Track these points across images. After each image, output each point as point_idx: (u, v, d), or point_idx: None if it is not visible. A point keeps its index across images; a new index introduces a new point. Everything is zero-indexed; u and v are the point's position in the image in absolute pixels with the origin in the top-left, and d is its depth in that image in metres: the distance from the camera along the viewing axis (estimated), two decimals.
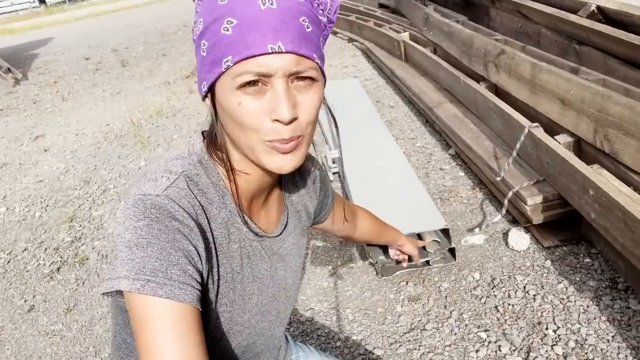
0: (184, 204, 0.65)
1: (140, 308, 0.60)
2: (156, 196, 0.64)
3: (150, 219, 0.62)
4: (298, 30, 0.61)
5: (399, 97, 4.16)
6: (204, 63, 0.64)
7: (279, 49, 0.59)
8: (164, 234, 0.62)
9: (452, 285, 2.05)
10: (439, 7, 4.39)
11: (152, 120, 4.72)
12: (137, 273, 0.60)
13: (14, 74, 7.75)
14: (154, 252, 0.61)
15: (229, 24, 0.60)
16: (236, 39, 0.59)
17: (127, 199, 0.66)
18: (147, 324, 0.60)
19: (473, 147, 2.68)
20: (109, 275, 0.63)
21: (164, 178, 0.67)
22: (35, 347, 2.14)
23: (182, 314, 0.61)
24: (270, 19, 0.59)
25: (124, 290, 0.60)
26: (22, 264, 2.78)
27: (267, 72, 0.60)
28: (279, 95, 0.61)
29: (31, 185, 3.80)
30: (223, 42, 0.60)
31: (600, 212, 1.78)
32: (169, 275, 0.61)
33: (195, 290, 0.63)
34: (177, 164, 0.70)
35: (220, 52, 0.61)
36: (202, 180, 0.70)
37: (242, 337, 0.80)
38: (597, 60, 2.37)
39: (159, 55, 7.65)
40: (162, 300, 0.60)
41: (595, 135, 1.96)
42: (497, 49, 2.76)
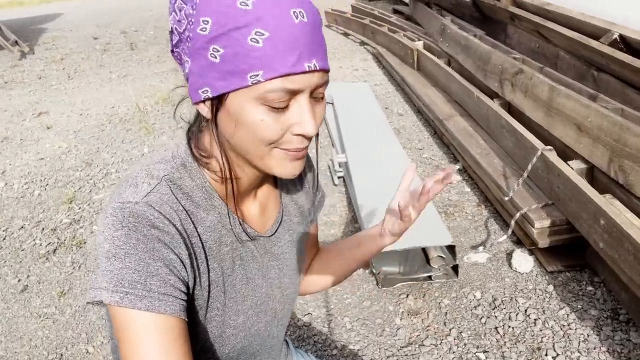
0: (165, 211, 0.63)
1: (120, 320, 0.59)
2: (135, 204, 0.62)
3: (129, 228, 0.60)
4: (323, 45, 0.60)
5: (408, 106, 4.14)
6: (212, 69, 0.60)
7: (314, 67, 0.58)
8: (143, 243, 0.60)
9: (453, 302, 2.04)
10: (456, 19, 4.38)
11: (158, 107, 4.69)
12: (116, 285, 0.59)
13: (20, 47, 7.68)
14: (132, 263, 0.59)
15: (259, 36, 0.56)
16: (270, 54, 0.56)
17: (106, 206, 0.64)
18: (127, 337, 0.59)
19: (482, 164, 2.67)
20: (91, 285, 0.62)
21: (144, 184, 0.65)
22: (27, 328, 2.11)
23: (164, 326, 0.60)
24: (304, 35, 0.57)
25: (105, 301, 0.59)
26: (17, 242, 2.74)
27: (298, 90, 0.59)
28: (305, 111, 0.61)
29: (32, 162, 3.76)
30: (251, 54, 0.57)
31: (610, 243, 1.76)
32: (148, 287, 0.59)
33: (177, 300, 0.62)
34: (159, 167, 0.68)
35: (246, 65, 0.57)
36: (186, 183, 0.68)
37: (237, 340, 0.78)
38: (615, 89, 2.36)
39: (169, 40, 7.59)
40: (142, 312, 0.59)
41: (610, 164, 1.95)
42: (515, 67, 2.75)
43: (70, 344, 2.01)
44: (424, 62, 4.23)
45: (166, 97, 4.87)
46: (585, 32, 2.55)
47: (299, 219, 0.88)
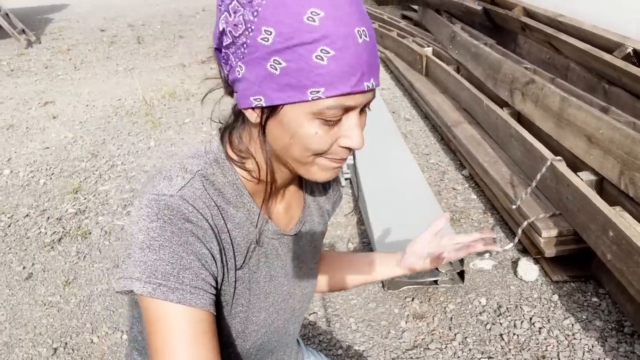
0: (198, 205, 0.64)
1: (152, 311, 0.60)
2: (170, 197, 0.62)
3: (164, 221, 0.61)
4: (379, 62, 0.62)
5: (415, 111, 4.16)
6: (270, 80, 0.59)
7: (372, 86, 0.60)
8: (177, 236, 0.61)
9: (458, 307, 2.05)
10: (466, 27, 4.40)
11: (165, 102, 4.69)
12: (149, 276, 0.59)
13: (27, 35, 7.67)
14: (166, 255, 0.60)
15: (325, 54, 0.56)
16: (334, 72, 0.57)
17: (141, 197, 0.64)
18: (158, 328, 0.60)
19: (490, 172, 2.68)
20: (123, 274, 0.62)
21: (179, 177, 0.65)
22: (31, 316, 2.10)
23: (194, 319, 0.60)
24: (365, 55, 0.58)
25: (137, 292, 0.60)
26: (23, 229, 2.74)
27: (354, 107, 0.61)
28: (355, 126, 0.62)
29: (37, 150, 3.75)
30: (315, 71, 0.57)
31: (618, 255, 1.78)
32: (181, 280, 0.60)
33: (208, 295, 0.62)
34: (193, 162, 0.68)
35: (308, 81, 0.57)
36: (218, 179, 0.69)
37: (258, 336, 0.79)
38: (626, 102, 2.38)
39: (176, 36, 7.60)
40: (173, 305, 0.59)
41: (621, 177, 1.96)
42: (526, 77, 2.76)
43: (74, 333, 2.01)
44: (433, 68, 4.25)
45: (173, 92, 4.88)
46: (597, 45, 2.56)
47: (319, 219, 0.89)
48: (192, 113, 4.38)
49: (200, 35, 7.62)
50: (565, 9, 3.22)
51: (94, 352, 1.91)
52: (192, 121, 4.20)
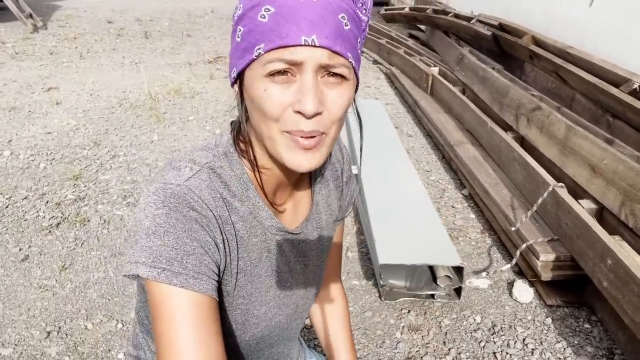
0: (204, 196, 0.66)
1: (156, 295, 0.62)
2: (177, 185, 0.65)
3: (169, 208, 0.63)
4: (335, 27, 0.59)
5: (417, 128, 4.20)
6: (237, 49, 0.64)
7: (312, 42, 0.58)
8: (182, 223, 0.62)
9: (453, 323, 2.07)
10: (474, 51, 4.48)
11: (170, 98, 4.70)
12: (154, 261, 0.61)
13: (34, 20, 7.65)
14: (170, 241, 0.62)
15: (266, 12, 0.59)
16: (271, 27, 0.59)
17: (149, 186, 0.67)
18: (162, 311, 0.61)
19: (490, 193, 2.72)
20: (129, 259, 0.64)
21: (187, 168, 0.68)
22: (26, 297, 2.09)
23: (197, 303, 0.62)
24: (309, 12, 0.58)
25: (142, 276, 0.61)
26: (21, 211, 2.72)
27: (296, 61, 0.59)
28: (305, 87, 0.60)
29: (39, 135, 3.74)
30: (258, 29, 0.60)
31: (615, 283, 1.81)
32: (184, 265, 0.62)
33: (211, 281, 0.64)
34: (202, 155, 0.70)
35: (254, 40, 0.60)
36: (225, 172, 0.70)
37: (258, 329, 0.80)
38: (630, 136, 2.44)
39: (184, 34, 7.62)
40: (177, 288, 0.61)
41: (622, 207, 2.01)
42: (532, 103, 2.82)
43: (68, 318, 1.99)
44: (438, 87, 4.31)
45: (178, 89, 4.89)
46: (604, 79, 2.63)
47: (327, 217, 0.89)
48: (196, 111, 4.39)
49: (208, 35, 7.65)
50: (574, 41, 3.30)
51: (87, 339, 1.90)
52: (196, 119, 4.21)
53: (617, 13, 2.96)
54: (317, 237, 0.87)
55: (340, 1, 0.61)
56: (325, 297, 1.05)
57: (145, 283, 0.64)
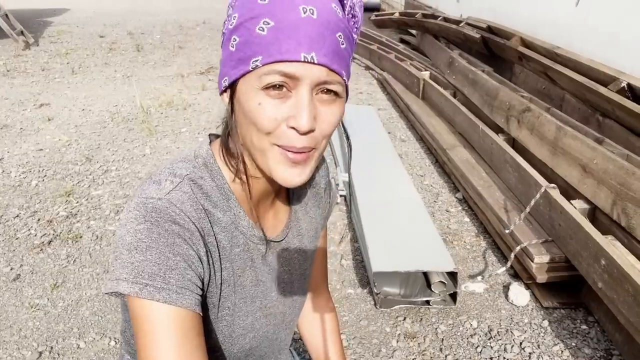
0: (186, 208, 0.65)
1: (138, 311, 0.61)
2: (158, 199, 0.64)
3: (151, 223, 0.62)
4: (333, 45, 0.60)
5: (410, 132, 4.20)
6: (230, 58, 0.64)
7: (311, 59, 0.59)
8: (164, 238, 0.62)
9: (449, 329, 2.05)
10: (464, 54, 4.49)
11: (162, 110, 4.69)
12: (136, 277, 0.60)
13: (26, 37, 7.65)
14: (152, 256, 0.61)
15: (266, 25, 0.59)
16: (270, 41, 0.59)
17: (130, 201, 0.66)
18: (144, 328, 0.60)
19: (484, 196, 2.71)
20: (109, 277, 0.63)
21: (167, 182, 0.67)
22: (17, 317, 2.07)
23: (180, 318, 0.61)
24: (309, 28, 0.58)
25: (124, 292, 0.61)
26: (12, 230, 2.70)
27: (294, 75, 0.59)
28: (301, 103, 0.60)
29: (30, 152, 3.72)
30: (256, 41, 0.60)
31: (609, 283, 1.80)
32: (167, 280, 0.61)
33: (194, 295, 0.63)
34: (182, 166, 0.70)
35: (251, 51, 0.60)
36: (206, 183, 0.70)
37: (246, 341, 0.79)
38: (619, 135, 2.44)
39: (176, 46, 7.64)
40: (159, 304, 0.60)
41: (614, 207, 2.00)
42: (522, 105, 2.82)
43: (61, 337, 1.97)
44: (430, 92, 4.32)
45: (170, 101, 4.89)
46: (593, 78, 2.63)
47: (307, 225, 0.89)
48: (189, 122, 4.38)
49: (200, 47, 7.66)
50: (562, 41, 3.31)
51: (80, 358, 1.87)
52: (188, 130, 4.20)
53: (603, 12, 2.97)
54: (299, 245, 0.87)
55: (338, 20, 0.61)
56: (312, 305, 1.04)
57: (127, 299, 0.63)
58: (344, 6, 0.64)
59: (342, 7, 0.64)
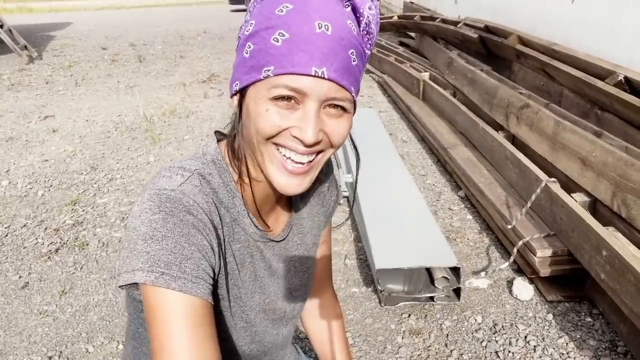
0: (198, 200, 0.67)
1: (153, 300, 0.61)
2: (171, 190, 0.65)
3: (166, 213, 0.63)
4: (345, 62, 0.61)
5: (412, 133, 4.22)
6: (244, 64, 0.65)
7: (322, 74, 0.60)
8: (179, 227, 0.63)
9: (454, 324, 2.06)
10: (462, 54, 4.51)
11: (165, 118, 4.74)
12: (152, 265, 0.61)
13: (29, 51, 7.75)
14: (168, 245, 0.62)
15: (281, 36, 0.60)
16: (284, 52, 0.60)
17: (142, 194, 0.67)
18: (159, 316, 0.61)
19: (485, 193, 2.72)
20: (125, 268, 0.63)
21: (178, 175, 0.68)
22: (26, 324, 2.09)
23: (194, 307, 0.62)
24: (322, 44, 0.60)
25: (139, 282, 0.61)
26: (20, 239, 2.74)
27: (303, 90, 0.61)
28: (308, 116, 0.62)
29: (36, 163, 3.77)
30: (270, 51, 0.61)
31: (611, 274, 1.81)
32: (183, 269, 0.62)
33: (207, 285, 0.64)
34: (191, 163, 0.72)
35: (264, 60, 0.62)
36: (214, 179, 0.72)
37: (247, 334, 0.81)
38: (618, 128, 2.45)
39: (177, 56, 7.71)
40: (175, 293, 0.61)
41: (614, 198, 2.01)
42: (521, 101, 2.84)
43: (70, 342, 1.99)
44: (430, 92, 4.34)
45: (173, 110, 4.93)
46: (590, 73, 2.65)
47: (311, 223, 0.90)
48: (191, 130, 4.42)
49: (201, 56, 7.73)
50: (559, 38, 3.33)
51: None
52: (191, 138, 4.24)
53: (598, 8, 2.99)
54: (300, 243, 0.88)
55: (352, 37, 0.63)
56: (317, 304, 1.05)
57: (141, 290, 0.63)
58: (360, 23, 0.66)
59: (357, 23, 0.66)
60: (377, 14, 0.68)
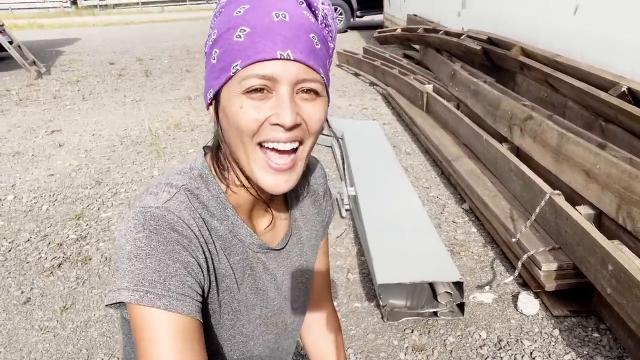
0: (183, 216, 0.66)
1: (139, 319, 0.61)
2: (156, 208, 0.65)
3: (150, 231, 0.63)
4: (307, 44, 0.63)
5: (415, 145, 4.21)
6: (213, 70, 0.66)
7: (287, 56, 0.61)
8: (163, 245, 0.63)
9: (458, 340, 2.03)
10: (466, 66, 4.51)
11: (170, 132, 4.76)
12: (136, 284, 0.61)
13: (38, 67, 7.86)
14: (152, 263, 0.62)
15: (242, 32, 0.62)
16: (247, 45, 0.62)
17: (128, 212, 0.68)
18: (146, 335, 0.61)
19: (490, 205, 2.70)
20: (111, 287, 0.64)
21: (164, 192, 0.68)
22: (27, 341, 2.09)
23: (181, 325, 0.61)
24: (282, 30, 0.62)
25: (124, 301, 0.61)
26: (23, 254, 2.74)
27: (272, 76, 0.62)
28: (282, 100, 0.62)
29: (42, 177, 3.80)
30: (234, 48, 0.62)
31: (617, 288, 1.77)
32: (167, 287, 0.61)
33: (194, 302, 0.64)
34: (178, 178, 0.71)
35: (230, 58, 0.63)
36: (202, 193, 0.71)
37: (246, 348, 0.79)
38: (622, 140, 2.42)
39: (183, 70, 7.78)
40: (160, 311, 0.61)
41: (619, 211, 1.98)
42: (524, 113, 2.83)
43: (70, 358, 1.98)
44: (433, 104, 4.33)
45: (178, 123, 4.96)
46: (593, 84, 2.63)
47: (308, 233, 0.89)
48: (196, 143, 4.44)
49: None
50: (561, 49, 3.32)
51: None
52: (196, 151, 4.25)
53: (600, 19, 2.98)
54: (299, 253, 0.87)
55: (310, 24, 0.65)
56: (316, 317, 1.04)
57: (128, 309, 0.63)
58: (316, 16, 0.67)
59: (314, 16, 0.67)
60: (331, 11, 0.70)
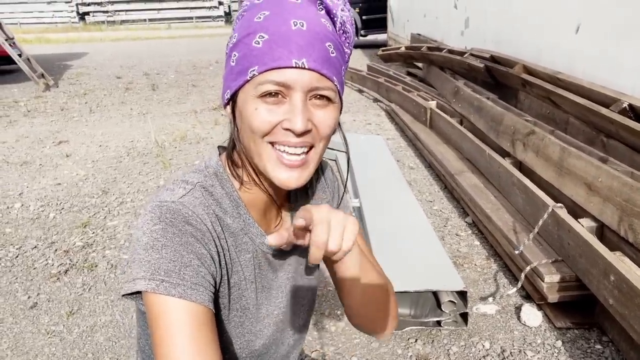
0: (198, 211, 0.69)
1: (155, 307, 0.64)
2: (172, 202, 0.68)
3: (165, 223, 0.66)
4: (323, 53, 0.66)
5: (419, 160, 4.25)
6: (231, 72, 0.70)
7: (302, 64, 0.64)
8: (178, 237, 0.66)
9: (462, 350, 2.04)
10: (469, 83, 4.58)
11: (176, 144, 4.82)
12: (153, 274, 0.64)
13: (46, 79, 7.97)
14: (168, 254, 0.65)
15: (261, 38, 0.66)
16: (265, 51, 0.65)
17: (145, 207, 0.71)
18: (161, 322, 0.63)
19: (493, 218, 2.72)
20: (127, 278, 0.67)
21: (180, 188, 0.72)
22: (34, 344, 2.10)
23: (195, 313, 0.64)
24: (299, 38, 0.64)
25: (141, 290, 0.64)
26: (30, 260, 2.77)
27: (287, 83, 0.65)
28: (295, 106, 0.65)
29: (49, 186, 3.84)
30: (252, 53, 0.66)
31: (620, 299, 1.79)
32: (182, 276, 0.64)
33: (207, 292, 0.67)
34: (194, 176, 0.75)
35: (248, 63, 0.66)
36: (216, 191, 0.74)
37: (255, 346, 0.82)
38: (624, 155, 2.46)
39: (189, 85, 7.88)
40: (175, 299, 0.63)
41: (620, 223, 2.01)
42: (527, 128, 2.87)
43: None
44: (437, 120, 4.39)
45: (184, 136, 5.02)
46: (595, 100, 2.68)
47: None
48: (201, 155, 4.49)
49: (213, 84, 7.89)
50: (563, 67, 3.38)
51: None
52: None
53: (602, 37, 3.05)
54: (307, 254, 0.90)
55: (327, 32, 0.68)
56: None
57: (143, 298, 0.66)
58: (335, 23, 0.71)
59: (332, 23, 0.71)
60: (350, 17, 0.73)
